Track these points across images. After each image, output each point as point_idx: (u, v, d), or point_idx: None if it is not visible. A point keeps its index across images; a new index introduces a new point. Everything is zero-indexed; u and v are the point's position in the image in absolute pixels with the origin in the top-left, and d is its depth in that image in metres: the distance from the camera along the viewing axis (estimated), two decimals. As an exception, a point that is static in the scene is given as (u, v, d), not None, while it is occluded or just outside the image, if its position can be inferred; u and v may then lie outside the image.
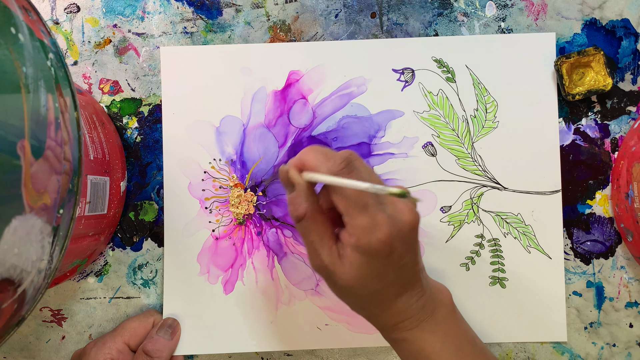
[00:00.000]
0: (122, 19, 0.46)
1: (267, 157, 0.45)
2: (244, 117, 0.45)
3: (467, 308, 0.45)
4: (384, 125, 0.45)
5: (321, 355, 0.46)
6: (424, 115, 0.45)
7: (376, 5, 0.46)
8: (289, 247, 0.45)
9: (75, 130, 0.29)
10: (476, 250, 0.45)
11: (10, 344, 0.46)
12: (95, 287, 0.46)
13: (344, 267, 0.34)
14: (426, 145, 0.45)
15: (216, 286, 0.45)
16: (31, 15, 0.28)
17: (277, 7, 0.46)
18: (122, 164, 0.45)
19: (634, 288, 0.45)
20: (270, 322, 0.45)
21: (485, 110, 0.45)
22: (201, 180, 0.45)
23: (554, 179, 0.45)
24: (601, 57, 0.44)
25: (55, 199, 0.27)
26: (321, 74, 0.45)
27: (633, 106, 0.45)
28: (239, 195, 0.45)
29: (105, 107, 0.46)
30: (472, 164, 0.45)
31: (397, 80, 0.45)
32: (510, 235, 0.45)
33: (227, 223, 0.45)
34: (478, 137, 0.45)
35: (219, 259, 0.45)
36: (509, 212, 0.45)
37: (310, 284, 0.45)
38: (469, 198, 0.45)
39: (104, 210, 0.42)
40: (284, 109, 0.45)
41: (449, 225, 0.45)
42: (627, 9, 0.45)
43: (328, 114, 0.45)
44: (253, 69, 0.45)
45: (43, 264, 0.27)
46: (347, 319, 0.45)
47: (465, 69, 0.45)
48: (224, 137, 0.45)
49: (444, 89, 0.45)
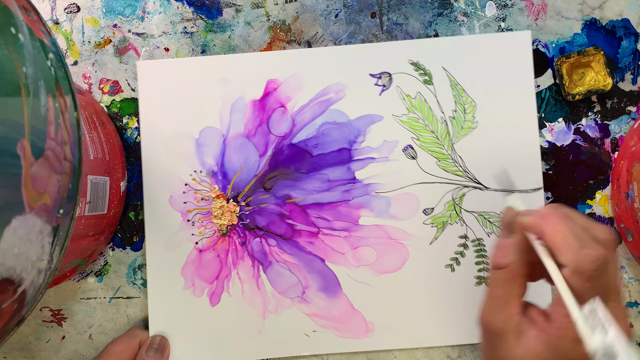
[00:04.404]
0: (122, 19, 0.46)
1: (248, 166, 0.45)
2: (223, 128, 0.45)
3: (454, 309, 0.45)
4: (364, 130, 0.45)
5: (321, 356, 0.46)
6: (402, 118, 0.45)
7: (376, 5, 0.46)
8: (274, 255, 0.45)
9: (75, 130, 0.29)
10: (460, 251, 0.45)
11: (10, 344, 0.46)
12: (95, 287, 0.46)
13: (517, 345, 0.30)
14: (406, 149, 0.45)
15: (202, 299, 0.45)
16: (31, 15, 0.28)
17: (277, 7, 0.46)
18: (122, 164, 0.45)
19: (634, 288, 0.45)
20: (259, 332, 0.45)
21: (463, 111, 0.45)
22: (182, 192, 0.45)
23: (535, 177, 0.45)
24: (601, 57, 0.44)
25: (55, 199, 0.27)
26: (299, 81, 0.45)
27: (633, 106, 0.45)
28: (221, 207, 0.45)
29: (105, 107, 0.46)
30: (452, 165, 0.45)
31: (374, 85, 0.45)
32: (494, 235, 0.45)
33: (211, 235, 0.45)
34: (458, 138, 0.45)
35: (204, 272, 0.45)
36: (492, 212, 0.45)
37: (296, 292, 0.45)
38: (451, 199, 0.45)
39: (104, 210, 0.42)
40: (263, 118, 0.45)
41: (432, 227, 0.45)
42: (627, 9, 0.45)
43: (307, 121, 0.45)
44: (230, 79, 0.45)
45: (43, 264, 0.27)
46: (335, 325, 0.45)
47: (443, 71, 0.45)
48: (204, 149, 0.45)
49: (422, 91, 0.45)
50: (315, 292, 0.45)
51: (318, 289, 0.45)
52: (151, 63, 0.46)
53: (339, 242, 0.45)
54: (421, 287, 0.45)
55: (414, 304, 0.45)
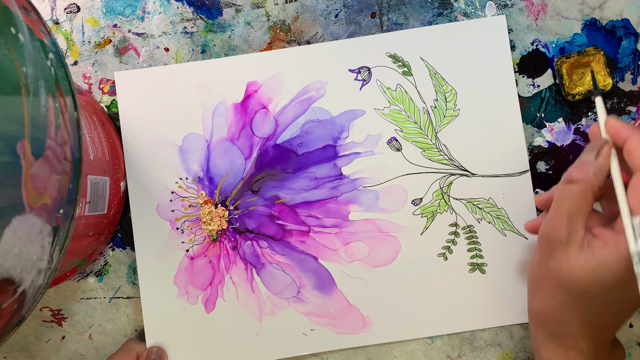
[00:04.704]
0: (122, 19, 0.46)
1: (234, 170, 0.45)
2: (206, 133, 0.45)
3: (449, 298, 0.45)
4: (347, 125, 0.45)
5: (321, 355, 0.46)
6: (385, 111, 0.45)
7: (376, 5, 0.46)
8: (266, 257, 0.45)
9: (75, 130, 0.29)
10: (452, 239, 0.45)
11: (10, 344, 0.46)
12: (95, 287, 0.46)
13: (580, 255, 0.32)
14: (390, 141, 0.45)
15: (197, 306, 0.45)
16: (31, 15, 0.28)
17: (277, 7, 0.46)
18: (122, 164, 0.45)
19: (634, 288, 0.45)
20: (256, 335, 0.45)
21: (445, 100, 0.45)
22: (169, 201, 0.45)
23: (521, 160, 0.45)
24: (601, 57, 0.44)
25: (55, 199, 0.27)
26: (279, 82, 0.45)
27: (633, 106, 0.45)
28: (210, 212, 0.45)
29: (105, 107, 0.46)
30: (437, 154, 0.45)
31: (354, 80, 0.45)
32: (484, 221, 0.45)
33: (201, 241, 0.45)
34: (441, 127, 0.45)
35: (197, 279, 0.45)
36: (480, 198, 0.45)
37: (291, 292, 0.45)
38: (438, 188, 0.45)
39: (104, 210, 0.42)
40: (245, 121, 0.45)
41: (422, 217, 0.45)
42: (627, 9, 0.45)
43: (290, 120, 0.45)
44: (210, 85, 0.45)
45: (43, 264, 0.27)
46: (332, 322, 0.45)
47: (421, 61, 0.45)
48: (188, 155, 0.45)
49: (402, 83, 0.45)
50: (310, 290, 0.45)
51: (313, 287, 0.45)
52: (129, 73, 0.46)
53: (330, 239, 0.45)
54: (415, 278, 0.45)
55: (410, 295, 0.45)
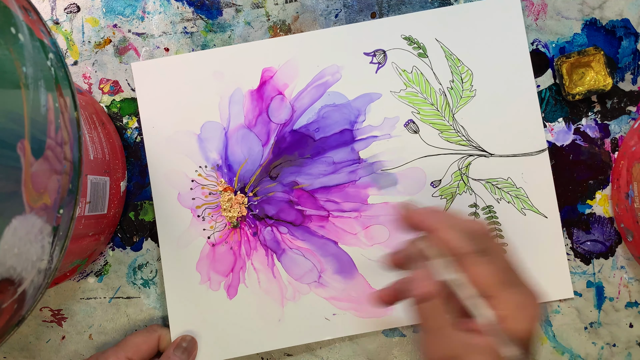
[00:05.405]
0: (122, 19, 0.46)
1: (252, 157, 0.45)
2: (223, 121, 0.45)
3: None
4: (364, 109, 0.45)
5: (321, 355, 0.46)
6: (401, 94, 0.45)
7: (376, 5, 0.46)
8: (287, 243, 0.45)
9: (75, 130, 0.29)
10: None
11: (10, 344, 0.46)
12: (95, 287, 0.46)
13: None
14: (408, 124, 0.45)
15: (219, 292, 0.45)
16: (31, 15, 0.28)
17: (277, 7, 0.46)
18: (122, 164, 0.45)
19: (634, 288, 0.45)
20: (279, 320, 0.45)
21: (461, 81, 0.45)
22: (190, 189, 0.45)
23: (538, 139, 0.45)
24: (601, 57, 0.44)
25: (55, 199, 0.27)
26: (294, 67, 0.45)
27: (633, 106, 0.45)
28: (229, 199, 0.45)
29: (105, 107, 0.46)
30: (455, 135, 0.45)
31: (370, 64, 0.45)
32: (503, 201, 0.45)
33: (222, 228, 0.45)
34: (458, 108, 0.45)
35: (218, 265, 0.45)
36: (499, 178, 0.45)
37: (312, 277, 0.45)
38: (457, 169, 0.45)
39: (104, 210, 0.42)
40: (262, 108, 0.45)
41: (441, 199, 0.45)
42: (627, 9, 0.45)
43: (306, 106, 0.45)
44: (225, 72, 0.45)
45: (43, 264, 0.27)
46: (354, 306, 0.45)
47: (436, 43, 0.45)
48: (207, 144, 0.45)
49: (418, 65, 0.45)
50: (331, 275, 0.45)
51: (334, 271, 0.45)
52: (146, 63, 0.46)
53: (350, 223, 0.45)
54: None
55: None
